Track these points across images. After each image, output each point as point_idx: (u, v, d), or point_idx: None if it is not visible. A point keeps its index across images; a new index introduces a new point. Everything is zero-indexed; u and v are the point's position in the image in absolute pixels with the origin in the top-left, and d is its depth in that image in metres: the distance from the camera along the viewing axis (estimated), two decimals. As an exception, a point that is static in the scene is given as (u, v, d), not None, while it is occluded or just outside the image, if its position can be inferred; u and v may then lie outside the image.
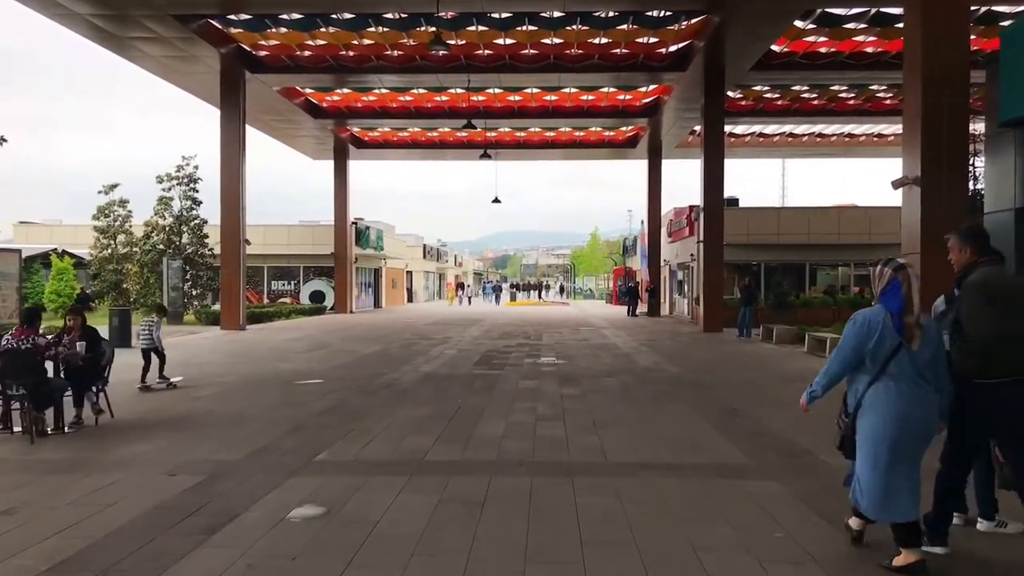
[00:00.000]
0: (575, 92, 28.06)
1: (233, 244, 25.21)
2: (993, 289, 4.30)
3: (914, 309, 4.15)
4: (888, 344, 4.15)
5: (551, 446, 7.39)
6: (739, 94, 28.51)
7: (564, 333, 23.84)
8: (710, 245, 25.00)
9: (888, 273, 4.24)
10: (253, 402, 10.09)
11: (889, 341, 4.15)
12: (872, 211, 31.07)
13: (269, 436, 7.80)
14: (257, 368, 13.91)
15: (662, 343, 20.11)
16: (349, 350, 17.74)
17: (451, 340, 20.82)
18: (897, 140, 36.77)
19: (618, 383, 12.10)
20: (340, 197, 38.43)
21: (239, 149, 25.24)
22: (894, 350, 4.15)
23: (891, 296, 4.19)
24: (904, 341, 4.13)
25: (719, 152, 25.42)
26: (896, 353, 4.15)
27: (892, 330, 4.15)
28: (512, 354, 16.88)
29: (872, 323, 4.20)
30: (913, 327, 4.13)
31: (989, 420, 4.33)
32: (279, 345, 19.01)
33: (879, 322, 4.18)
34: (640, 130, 34.39)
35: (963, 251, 4.50)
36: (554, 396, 10.63)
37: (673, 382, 12.23)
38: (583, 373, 13.39)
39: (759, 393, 11.11)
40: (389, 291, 50.05)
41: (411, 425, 8.45)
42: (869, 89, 27.71)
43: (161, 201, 29.94)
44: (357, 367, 14.26)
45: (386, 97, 29.02)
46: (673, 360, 15.62)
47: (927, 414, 4.18)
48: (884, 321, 4.17)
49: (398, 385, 11.79)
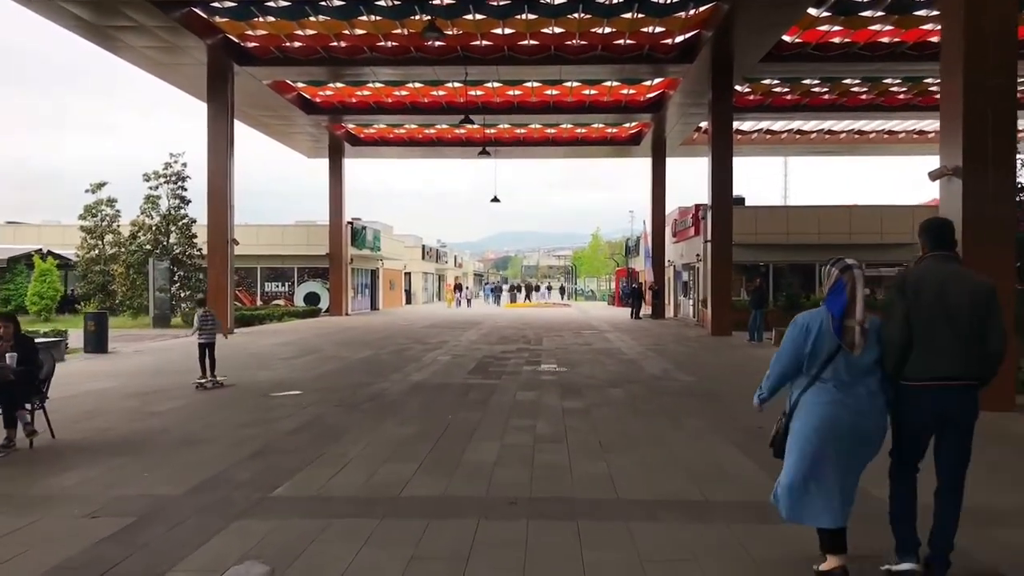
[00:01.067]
0: (577, 86, 26.98)
1: (220, 244, 24.17)
2: (905, 282, 4.09)
3: (856, 311, 3.94)
4: (826, 347, 3.98)
5: (551, 476, 6.32)
6: (747, 88, 27.43)
7: (566, 337, 22.78)
8: (718, 245, 23.93)
9: (834, 273, 4.08)
10: (218, 419, 9.02)
11: (827, 344, 3.98)
12: (885, 210, 30.09)
13: (224, 463, 6.73)
14: (234, 377, 12.85)
15: (669, 348, 19.04)
16: (338, 356, 16.68)
17: (447, 345, 19.75)
18: (908, 137, 35.83)
19: (625, 394, 11.03)
20: (335, 196, 37.38)
21: (227, 145, 24.20)
22: (832, 354, 3.97)
23: (834, 297, 4.02)
24: (843, 344, 3.94)
25: (727, 148, 24.35)
26: (834, 357, 3.97)
27: (831, 333, 3.97)
28: (510, 360, 15.81)
29: (810, 326, 4.05)
30: (853, 330, 3.93)
31: (911, 428, 4.10)
32: (264, 351, 17.94)
33: (817, 324, 4.02)
34: (644, 127, 33.31)
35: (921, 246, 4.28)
36: (555, 410, 9.56)
37: (686, 393, 11.16)
38: (587, 382, 12.32)
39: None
40: (387, 293, 48.98)
41: (392, 448, 7.39)
42: (882, 83, 26.63)
43: (148, 200, 28.87)
44: (343, 376, 13.20)
45: (381, 92, 27.95)
46: (683, 367, 14.55)
47: (863, 421, 3.96)
48: (823, 323, 4.01)
49: (385, 397, 10.72)
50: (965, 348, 3.96)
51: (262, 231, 38.38)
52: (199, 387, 11.19)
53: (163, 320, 27.03)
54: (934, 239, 4.22)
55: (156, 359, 16.07)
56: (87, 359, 16.31)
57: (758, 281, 22.78)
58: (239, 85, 25.06)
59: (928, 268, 4.13)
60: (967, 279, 4.08)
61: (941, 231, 4.24)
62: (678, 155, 38.13)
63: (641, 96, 28.69)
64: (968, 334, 3.95)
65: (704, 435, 8.03)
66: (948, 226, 4.28)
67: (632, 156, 39.27)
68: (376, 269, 45.96)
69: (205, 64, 23.25)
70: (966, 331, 3.95)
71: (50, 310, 29.23)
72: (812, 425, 4.01)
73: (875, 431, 4.00)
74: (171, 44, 21.45)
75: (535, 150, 37.99)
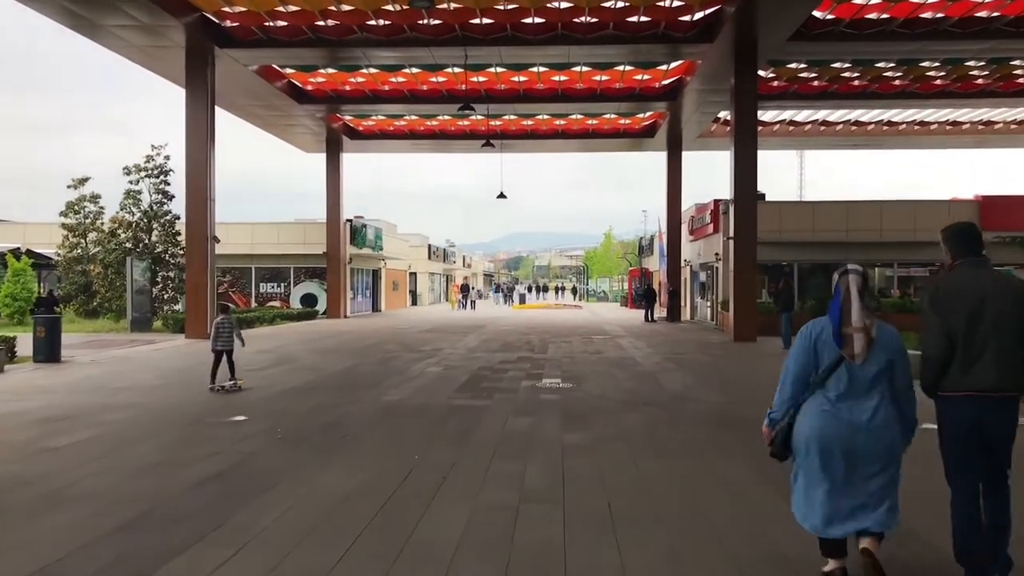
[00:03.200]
0: (587, 71, 24.92)
1: (199, 241, 22.32)
2: (939, 294, 3.90)
3: (852, 318, 3.78)
4: (827, 357, 3.86)
5: (536, 572, 4.30)
6: (771, 73, 25.31)
7: (574, 343, 20.74)
8: (742, 243, 21.86)
9: (834, 279, 3.99)
10: (117, 460, 7.06)
11: (828, 354, 3.86)
12: (919, 205, 27.89)
13: (72, 542, 4.75)
14: (179, 397, 10.92)
15: (690, 357, 16.98)
16: (313, 368, 14.73)
17: (441, 352, 17.78)
18: (941, 128, 33.54)
19: (642, 422, 8.99)
20: (333, 192, 35.54)
21: (207, 134, 22.34)
22: (834, 364, 3.83)
23: (833, 305, 3.90)
24: (843, 354, 3.79)
25: (751, 134, 22.29)
26: (836, 367, 3.82)
27: (832, 342, 3.84)
28: (508, 373, 13.80)
29: (814, 335, 3.94)
30: (852, 338, 3.77)
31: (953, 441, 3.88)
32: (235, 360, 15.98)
33: (819, 333, 3.92)
34: (659, 116, 31.21)
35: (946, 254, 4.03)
36: (553, 448, 7.54)
37: (717, 420, 9.10)
38: (595, 404, 10.28)
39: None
40: (389, 294, 47.07)
41: (322, 512, 5.40)
42: (919, 66, 24.44)
43: (128, 195, 27.03)
44: (308, 394, 11.23)
45: (376, 78, 26.00)
46: (708, 382, 12.50)
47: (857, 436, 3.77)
48: (824, 332, 3.89)
49: (343, 425, 8.73)
50: (1008, 357, 3.74)
51: (257, 229, 36.57)
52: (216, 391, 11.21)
53: (143, 324, 25.17)
54: (963, 244, 3.99)
55: (108, 371, 14.16)
56: (34, 369, 14.44)
57: (783, 281, 20.61)
58: (224, 71, 23.23)
59: (963, 276, 3.91)
60: (1009, 284, 3.89)
61: (969, 235, 4.01)
62: (694, 148, 36.02)
63: (656, 82, 26.61)
64: (1013, 342, 3.75)
65: (750, 492, 5.98)
66: (975, 229, 4.06)
67: (646, 150, 37.19)
68: (378, 269, 44.04)
69: (184, 47, 21.47)
70: (1011, 339, 3.74)
71: (23, 313, 27.40)
72: (806, 435, 3.89)
73: (873, 447, 3.79)
74: (147, 25, 19.69)
75: (544, 143, 35.94)
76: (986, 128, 33.32)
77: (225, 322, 11.61)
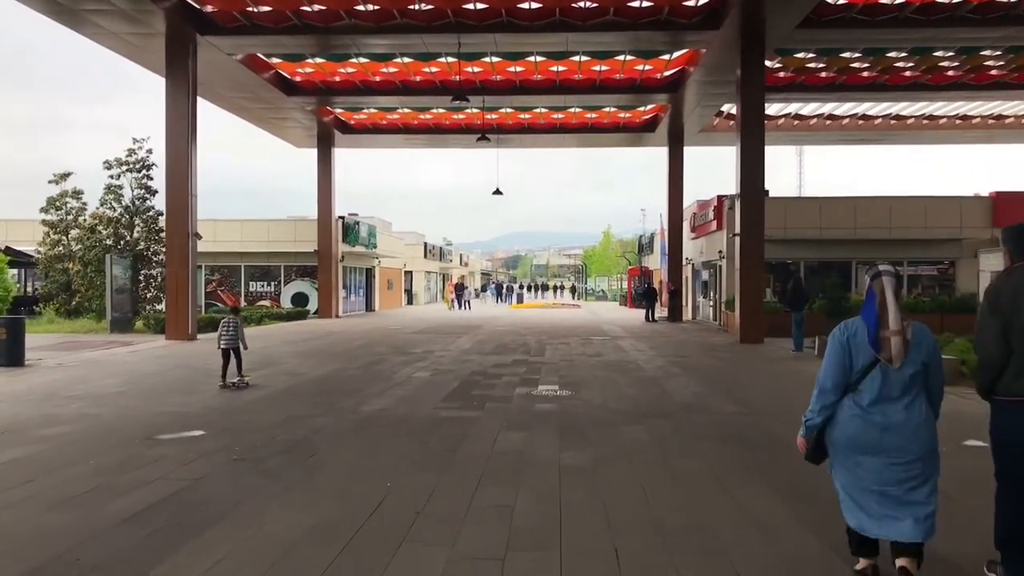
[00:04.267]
0: (586, 61, 23.90)
1: (180, 237, 21.32)
2: (997, 296, 3.77)
3: (890, 321, 3.70)
4: (863, 360, 3.78)
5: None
6: (777, 64, 24.32)
7: (572, 345, 19.74)
8: (748, 240, 20.88)
9: (866, 282, 3.87)
10: (45, 485, 6.05)
11: (863, 357, 3.78)
12: (930, 202, 26.89)
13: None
14: (136, 407, 9.91)
15: (695, 360, 15.99)
16: (294, 372, 13.72)
17: (432, 355, 16.78)
18: (950, 123, 32.54)
19: (649, 438, 8.00)
20: (325, 188, 34.49)
21: (188, 125, 21.31)
22: (869, 366, 3.76)
23: (867, 307, 3.82)
24: (880, 358, 3.70)
25: (758, 127, 21.29)
26: (871, 370, 3.75)
27: (867, 345, 3.75)
28: (502, 378, 12.80)
29: (848, 337, 3.85)
30: (889, 341, 3.68)
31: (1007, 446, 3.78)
32: (208, 364, 14.92)
33: (854, 335, 3.82)
34: (660, 110, 30.21)
35: (1005, 255, 3.94)
36: (548, 471, 6.55)
37: (733, 436, 8.10)
38: (595, 415, 9.29)
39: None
40: (384, 293, 46.03)
41: (267, 562, 4.40)
42: (932, 56, 23.45)
43: (109, 190, 25.98)
44: (281, 403, 10.22)
45: (367, 68, 24.97)
46: (718, 389, 11.52)
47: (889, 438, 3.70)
48: (859, 334, 3.81)
49: (312, 443, 7.73)
50: None
51: (246, 226, 35.55)
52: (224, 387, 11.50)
53: (124, 324, 24.15)
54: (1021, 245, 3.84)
55: (70, 376, 13.14)
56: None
57: (792, 281, 19.60)
58: (208, 61, 22.27)
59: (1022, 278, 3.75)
60: None
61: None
62: (696, 144, 35.04)
63: (658, 73, 25.60)
64: None
65: (783, 534, 4.98)
66: None
67: (647, 145, 36.16)
68: (372, 268, 43.00)
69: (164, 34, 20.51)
70: None
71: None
72: (838, 438, 3.85)
73: (907, 451, 3.70)
74: (125, 11, 18.85)
75: (541, 138, 34.87)
76: (996, 123, 32.36)
77: (231, 322, 11.85)
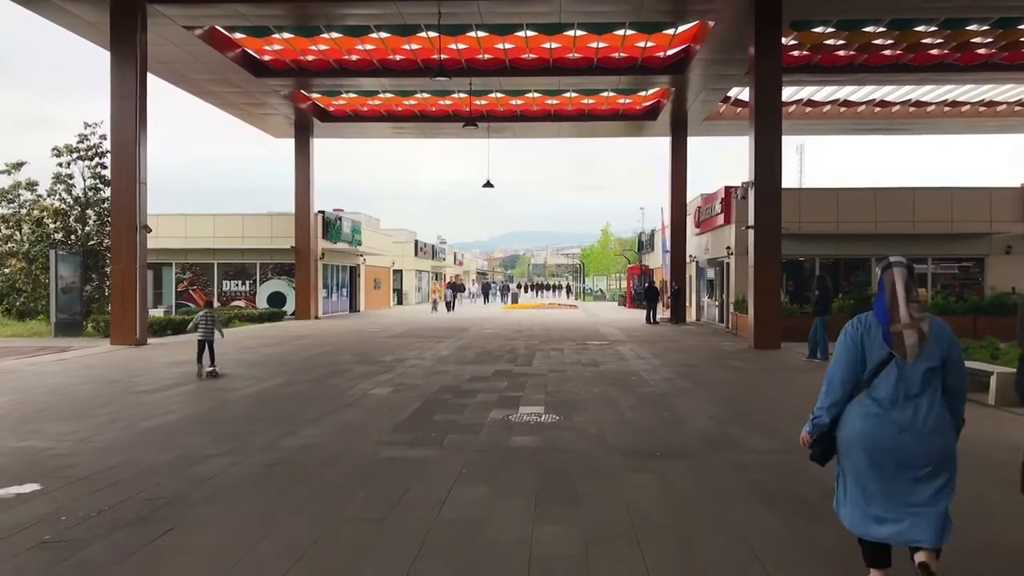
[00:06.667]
0: (582, 36, 21.57)
1: (127, 231, 18.98)
2: None
3: (900, 314, 3.52)
4: (876, 355, 3.60)
5: None
6: (792, 40, 22.02)
7: (566, 351, 17.44)
8: (763, 233, 18.61)
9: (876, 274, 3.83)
10: None
11: (878, 352, 3.59)
12: (956, 193, 24.67)
13: None
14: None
15: (707, 371, 13.70)
16: (224, 388, 11.40)
17: (402, 364, 14.47)
18: (973, 110, 30.23)
19: (662, 495, 5.69)
20: (302, 180, 32.19)
21: (136, 106, 18.97)
22: (883, 363, 3.57)
23: (878, 301, 3.63)
24: (894, 352, 3.52)
25: (774, 108, 19.02)
26: (885, 366, 3.56)
27: (880, 339, 3.58)
28: (476, 397, 10.49)
29: (860, 331, 3.68)
30: (902, 335, 3.50)
31: None
32: (130, 380, 12.65)
33: (867, 330, 3.65)
34: (663, 95, 27.90)
35: None
36: (512, 563, 4.24)
37: (778, 490, 5.80)
38: (589, 455, 6.99)
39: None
40: (370, 292, 43.70)
41: None
42: (965, 31, 21.17)
43: (58, 179, 23.64)
44: (178, 436, 7.91)
45: (340, 44, 22.60)
46: (741, 411, 9.25)
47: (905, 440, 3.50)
48: (873, 329, 3.63)
49: (181, 505, 5.41)
50: None
51: (219, 221, 33.27)
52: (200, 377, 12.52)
53: (71, 327, 21.84)
54: None
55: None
56: None
57: (817, 280, 17.32)
58: (165, 37, 20.18)
59: None
60: None
61: None
62: (700, 133, 32.75)
63: (661, 51, 23.29)
64: None
65: None
66: None
67: (648, 135, 33.83)
68: (356, 266, 40.64)
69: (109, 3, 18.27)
70: None
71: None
72: (851, 439, 3.64)
73: (922, 451, 3.50)
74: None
75: (535, 127, 32.51)
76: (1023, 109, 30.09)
77: (208, 316, 12.95)
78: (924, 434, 3.49)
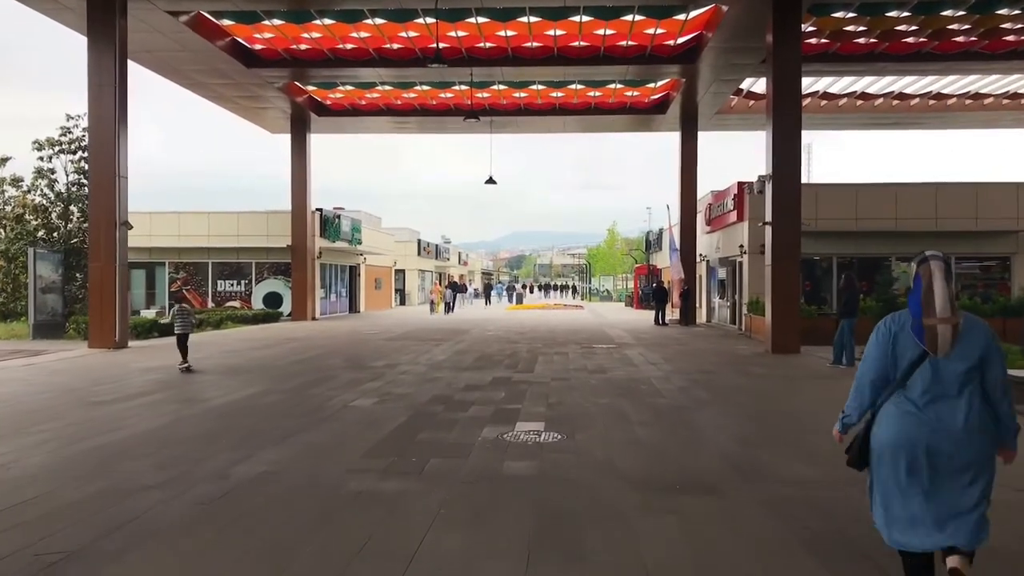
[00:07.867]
0: (588, 21, 20.41)
1: (106, 228, 17.98)
2: None
3: (935, 308, 3.33)
4: (910, 352, 3.41)
5: None
6: (810, 27, 20.83)
7: (571, 355, 16.30)
8: (782, 232, 17.45)
9: (913, 268, 3.55)
10: None
11: (911, 349, 3.41)
12: (982, 188, 23.42)
13: None
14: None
15: (725, 379, 12.53)
16: (191, 399, 10.31)
17: (393, 371, 13.36)
18: (996, 103, 28.97)
19: (688, 549, 4.55)
20: (299, 177, 31.14)
21: (115, 96, 17.94)
22: (917, 360, 3.38)
23: (913, 296, 3.46)
24: (926, 348, 3.34)
25: (794, 97, 17.87)
26: (919, 363, 3.37)
27: (913, 336, 3.39)
28: (469, 410, 9.36)
29: (893, 328, 3.51)
30: (935, 330, 3.31)
31: None
32: (91, 389, 11.56)
33: (899, 326, 3.48)
34: (672, 87, 26.73)
35: None
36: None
37: (829, 538, 4.64)
38: (595, 487, 5.84)
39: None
40: (370, 293, 42.61)
41: None
42: (995, 15, 19.96)
43: (40, 174, 22.61)
44: (116, 460, 6.80)
45: (334, 31, 21.49)
46: (769, 428, 8.11)
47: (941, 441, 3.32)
48: (904, 325, 3.45)
49: (84, 558, 4.29)
50: None
51: (213, 219, 32.18)
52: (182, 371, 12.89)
53: (51, 330, 20.79)
54: None
55: None
56: None
57: (844, 279, 16.14)
58: (151, 25, 19.25)
59: None
60: None
61: None
62: (711, 128, 31.62)
63: (671, 39, 22.12)
64: None
65: None
66: None
67: (657, 129, 32.69)
68: (356, 265, 39.56)
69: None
70: None
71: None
72: (885, 441, 3.46)
73: (964, 453, 3.33)
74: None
75: (539, 121, 31.34)
76: (1047, 101, 28.82)
77: (181, 311, 13.59)
78: (964, 437, 3.33)
